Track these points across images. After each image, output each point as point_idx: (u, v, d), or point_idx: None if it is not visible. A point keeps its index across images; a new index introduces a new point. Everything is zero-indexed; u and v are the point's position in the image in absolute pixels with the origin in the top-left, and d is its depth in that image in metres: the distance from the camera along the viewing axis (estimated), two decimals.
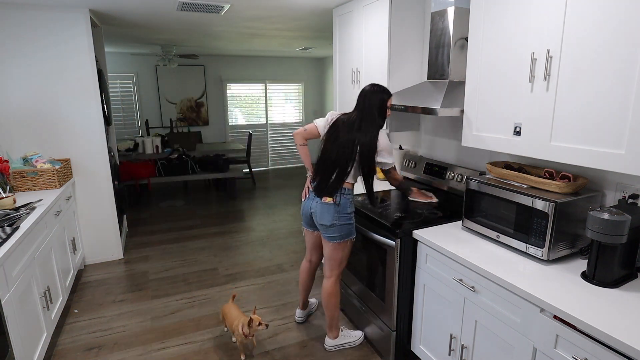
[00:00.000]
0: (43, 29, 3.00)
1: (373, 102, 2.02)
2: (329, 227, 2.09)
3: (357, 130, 2.01)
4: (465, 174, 2.26)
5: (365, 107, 2.03)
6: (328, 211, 2.07)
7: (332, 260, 2.18)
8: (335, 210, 2.06)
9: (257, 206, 5.32)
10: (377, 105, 2.02)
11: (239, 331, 2.16)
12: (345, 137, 2.02)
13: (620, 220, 1.30)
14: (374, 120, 2.02)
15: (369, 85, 2.07)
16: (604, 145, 1.35)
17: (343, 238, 2.12)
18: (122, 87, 6.59)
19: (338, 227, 2.08)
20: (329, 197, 2.06)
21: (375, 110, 2.01)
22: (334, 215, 2.06)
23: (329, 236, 2.12)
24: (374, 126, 2.02)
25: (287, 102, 7.91)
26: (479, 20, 1.79)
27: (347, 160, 2.01)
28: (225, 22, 3.83)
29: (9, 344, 1.72)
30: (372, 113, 2.02)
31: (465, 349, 1.72)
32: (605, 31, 1.30)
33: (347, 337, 2.35)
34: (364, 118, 2.02)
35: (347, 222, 2.10)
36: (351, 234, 2.14)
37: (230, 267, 3.45)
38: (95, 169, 3.37)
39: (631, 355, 1.07)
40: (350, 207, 2.10)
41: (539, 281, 1.43)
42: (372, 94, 2.03)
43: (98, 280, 3.23)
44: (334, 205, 2.06)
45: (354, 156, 2.01)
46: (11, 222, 2.11)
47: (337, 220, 2.07)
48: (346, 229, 2.10)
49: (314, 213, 2.14)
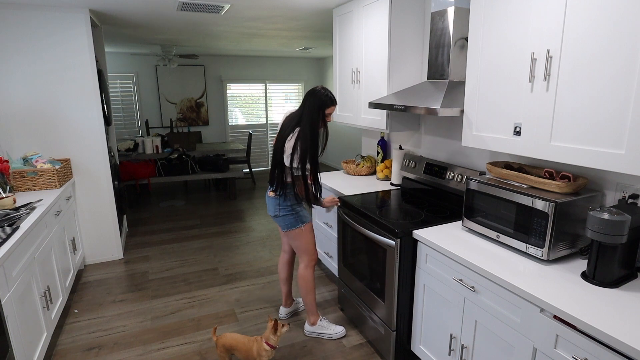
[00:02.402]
0: (43, 29, 3.00)
1: (308, 104, 2.11)
2: (274, 218, 2.31)
3: (289, 130, 2.13)
4: (465, 174, 2.26)
5: (302, 108, 2.14)
6: (271, 203, 2.28)
7: (295, 248, 2.39)
8: (277, 202, 2.25)
9: (257, 206, 5.32)
10: (314, 108, 2.09)
11: (264, 349, 2.01)
12: (281, 136, 2.17)
13: (620, 220, 1.30)
14: (302, 123, 2.10)
15: (319, 86, 2.15)
16: (604, 145, 1.35)
17: (289, 227, 2.28)
18: (122, 87, 6.59)
19: (281, 218, 2.27)
20: (272, 192, 2.26)
21: (306, 114, 2.09)
22: (275, 207, 2.26)
23: (279, 225, 2.33)
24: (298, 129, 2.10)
25: (287, 102, 7.91)
26: (479, 20, 1.79)
27: (279, 159, 2.17)
28: (225, 22, 3.83)
29: (9, 344, 1.72)
30: (303, 116, 2.11)
31: (465, 349, 1.72)
32: (605, 31, 1.30)
33: (325, 328, 2.43)
34: (295, 118, 2.15)
35: (288, 212, 2.26)
36: (296, 223, 2.28)
37: (230, 267, 3.45)
38: (95, 169, 3.37)
39: (631, 355, 1.07)
40: (290, 200, 2.25)
41: (539, 281, 1.43)
42: (311, 95, 2.11)
43: (98, 280, 3.23)
44: (275, 198, 2.25)
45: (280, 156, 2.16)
46: (11, 222, 2.11)
47: (278, 212, 2.26)
48: (289, 219, 2.27)
49: (267, 204, 2.36)
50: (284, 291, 2.61)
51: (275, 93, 7.76)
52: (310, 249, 2.37)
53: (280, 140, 2.17)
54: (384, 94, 2.60)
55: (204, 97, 7.18)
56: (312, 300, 2.41)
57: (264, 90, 7.65)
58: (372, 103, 2.41)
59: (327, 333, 2.42)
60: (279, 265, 2.61)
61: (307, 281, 2.38)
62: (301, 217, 2.29)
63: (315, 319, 2.44)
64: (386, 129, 2.63)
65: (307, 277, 2.38)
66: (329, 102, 2.11)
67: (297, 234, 2.31)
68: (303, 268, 2.39)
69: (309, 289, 2.39)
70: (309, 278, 2.38)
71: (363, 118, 2.87)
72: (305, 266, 2.39)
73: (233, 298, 2.92)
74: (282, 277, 2.60)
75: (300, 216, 2.29)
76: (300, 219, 2.29)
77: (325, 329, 2.43)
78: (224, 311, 2.75)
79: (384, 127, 2.64)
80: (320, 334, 2.43)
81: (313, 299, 2.41)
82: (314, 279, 2.41)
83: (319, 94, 2.10)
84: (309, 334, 2.45)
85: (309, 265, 2.39)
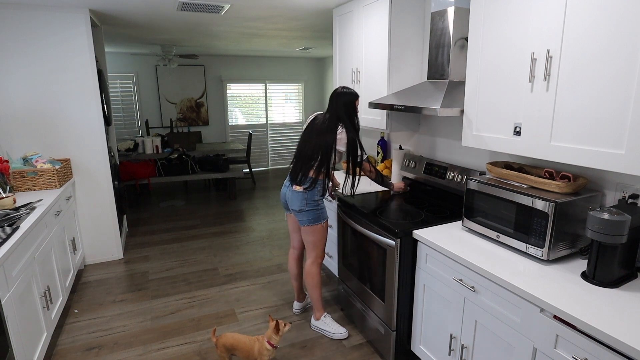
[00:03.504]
0: (43, 29, 3.00)
1: (340, 103, 2.26)
2: (297, 212, 2.32)
3: (326, 129, 2.24)
4: (465, 174, 2.26)
5: (334, 108, 2.28)
6: (297, 198, 2.30)
7: (307, 243, 2.41)
8: (303, 197, 2.28)
9: (257, 206, 5.32)
10: (343, 106, 2.26)
11: (266, 349, 2.01)
12: (315, 134, 2.27)
13: (620, 220, 1.30)
14: (342, 119, 2.25)
15: (339, 87, 2.31)
16: (604, 145, 1.35)
17: (312, 222, 2.32)
18: (122, 87, 6.59)
19: (306, 212, 2.30)
20: (298, 186, 2.28)
21: (341, 110, 2.25)
22: (301, 202, 2.29)
23: (299, 220, 2.34)
24: (341, 124, 2.25)
25: (287, 102, 7.91)
26: (479, 20, 1.79)
27: (313, 155, 2.25)
28: (225, 22, 3.83)
29: (9, 344, 1.72)
30: (339, 113, 2.25)
31: (465, 349, 1.72)
32: (605, 31, 1.30)
33: (327, 325, 2.46)
34: (332, 118, 2.27)
35: (314, 207, 2.31)
36: (319, 219, 2.34)
37: (230, 267, 3.45)
38: (95, 169, 3.37)
39: (631, 355, 1.07)
40: (317, 195, 2.30)
41: (539, 281, 1.43)
42: (340, 95, 2.27)
43: (98, 280, 3.23)
44: (302, 192, 2.28)
45: (320, 152, 2.23)
46: (11, 222, 2.11)
47: (304, 206, 2.29)
48: (313, 214, 2.31)
49: (288, 200, 2.37)
50: (296, 286, 2.66)
51: (275, 93, 7.76)
52: (321, 245, 2.42)
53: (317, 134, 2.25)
54: (384, 94, 2.60)
55: (204, 97, 7.18)
56: (318, 295, 2.47)
57: (264, 90, 7.65)
58: (372, 103, 2.41)
59: (328, 331, 2.45)
60: (289, 262, 2.65)
61: (313, 276, 2.44)
62: (324, 214, 2.37)
63: (320, 314, 2.48)
64: (386, 129, 2.63)
65: (313, 273, 2.44)
66: (356, 95, 2.29)
67: (316, 230, 2.35)
68: (310, 264, 2.44)
69: (315, 284, 2.45)
70: (315, 273, 2.44)
71: (363, 118, 2.87)
72: (312, 262, 2.44)
73: (233, 298, 2.92)
74: (293, 273, 2.65)
75: (324, 212, 2.37)
76: (322, 215, 2.36)
77: (327, 325, 2.46)
78: (224, 311, 2.75)
79: (384, 127, 2.64)
80: (322, 330, 2.48)
81: (319, 294, 2.47)
82: (320, 274, 2.46)
83: (347, 91, 2.28)
84: (314, 329, 2.52)
85: (316, 262, 2.44)
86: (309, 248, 2.42)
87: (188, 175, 5.40)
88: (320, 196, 2.33)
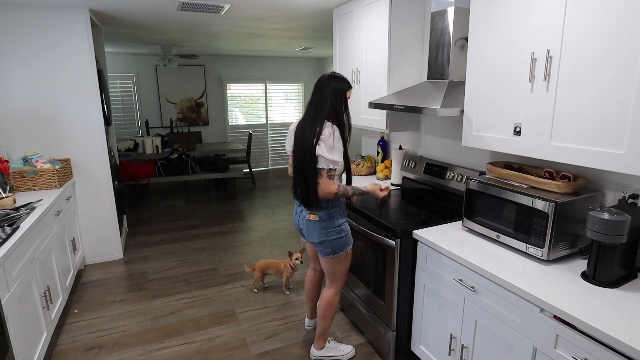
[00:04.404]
0: (43, 29, 3.00)
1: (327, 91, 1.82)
2: (318, 244, 1.96)
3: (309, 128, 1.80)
4: (465, 174, 2.26)
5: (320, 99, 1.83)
6: (314, 228, 1.92)
7: (330, 272, 2.07)
8: (322, 226, 1.91)
9: (257, 206, 5.32)
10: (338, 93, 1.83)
11: (288, 267, 2.92)
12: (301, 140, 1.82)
13: (620, 220, 1.30)
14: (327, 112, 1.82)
15: (328, 74, 1.87)
16: (604, 145, 1.35)
17: (336, 253, 1.96)
18: (122, 87, 6.59)
19: (328, 243, 1.93)
20: (312, 214, 1.91)
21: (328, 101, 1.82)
22: (320, 232, 1.91)
23: (321, 251, 1.99)
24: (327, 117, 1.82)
25: (287, 102, 7.91)
26: (479, 20, 1.79)
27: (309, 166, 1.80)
28: (225, 22, 3.83)
29: (9, 344, 1.72)
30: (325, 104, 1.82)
31: (465, 349, 1.72)
32: (605, 31, 1.30)
33: (334, 349, 2.21)
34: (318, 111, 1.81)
35: (338, 235, 1.93)
36: (345, 246, 1.97)
37: (230, 267, 3.45)
38: (95, 169, 3.37)
39: (631, 355, 1.07)
40: (338, 219, 1.93)
41: (539, 281, 1.43)
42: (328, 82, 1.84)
43: (98, 280, 3.23)
44: (319, 221, 1.91)
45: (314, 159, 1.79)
46: (11, 222, 2.11)
47: (325, 237, 1.92)
48: (337, 243, 1.94)
49: (302, 230, 2.01)
50: (311, 306, 2.41)
51: (275, 93, 7.76)
52: (345, 273, 2.09)
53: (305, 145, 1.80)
54: (384, 94, 2.60)
55: (204, 97, 7.18)
56: (329, 325, 2.16)
57: (264, 90, 7.65)
58: (372, 103, 2.41)
59: (336, 355, 2.20)
60: (307, 283, 2.34)
61: (332, 307, 2.11)
62: (349, 239, 1.98)
63: (324, 343, 2.20)
64: (386, 129, 2.63)
65: (334, 304, 2.10)
66: (348, 85, 1.89)
67: (341, 259, 1.99)
68: (333, 294, 2.09)
69: (330, 315, 2.13)
70: (335, 304, 2.11)
71: (363, 118, 2.87)
72: (336, 293, 2.10)
73: (233, 298, 2.92)
74: (310, 294, 2.36)
75: (349, 237, 1.98)
76: (347, 242, 1.98)
77: (334, 350, 2.21)
78: (224, 311, 2.75)
79: (384, 127, 2.64)
80: (329, 357, 2.20)
81: (330, 324, 2.17)
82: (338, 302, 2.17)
83: (338, 79, 1.86)
84: (316, 359, 2.19)
85: (339, 292, 2.11)
86: (331, 277, 2.08)
87: (188, 175, 5.40)
88: (342, 218, 1.94)
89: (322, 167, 1.79)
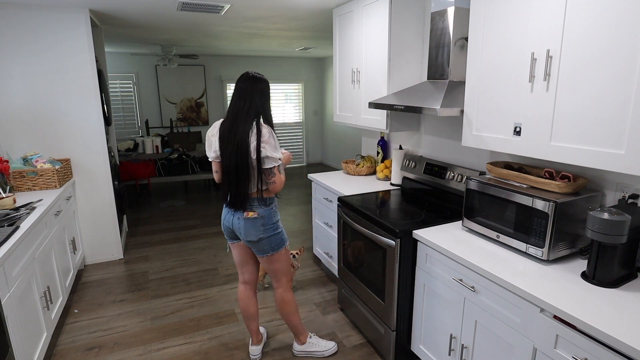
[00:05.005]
0: (43, 29, 3.00)
1: (255, 94, 1.86)
2: (257, 243, 1.95)
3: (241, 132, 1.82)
4: (465, 174, 2.26)
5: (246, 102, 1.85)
6: (253, 226, 1.92)
7: (274, 272, 2.08)
8: (261, 223, 1.92)
9: None
10: (259, 97, 1.87)
11: None
12: (235, 144, 1.82)
13: (620, 220, 1.30)
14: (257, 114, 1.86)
15: (247, 76, 1.88)
16: (604, 145, 1.35)
17: (275, 250, 1.99)
18: (122, 87, 6.59)
19: (267, 240, 1.95)
20: (250, 212, 1.90)
21: (255, 103, 1.86)
22: (259, 229, 1.92)
23: (258, 250, 1.98)
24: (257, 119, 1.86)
25: (287, 102, 7.91)
26: (479, 20, 1.79)
27: (248, 167, 1.84)
28: (225, 22, 3.83)
29: (9, 344, 1.72)
30: (254, 107, 1.85)
31: (465, 349, 1.72)
32: (605, 31, 1.30)
33: (315, 345, 2.26)
34: (246, 114, 1.84)
35: (275, 232, 1.97)
36: (283, 242, 2.03)
37: (230, 267, 3.45)
38: (95, 169, 3.37)
39: (631, 355, 1.07)
40: (275, 215, 1.97)
41: (539, 281, 1.43)
42: (253, 85, 1.86)
43: (98, 280, 3.23)
44: (258, 218, 1.91)
45: (249, 159, 1.83)
46: (11, 222, 2.11)
47: (263, 234, 1.93)
48: (276, 239, 1.98)
49: (237, 230, 1.97)
50: (253, 328, 2.23)
51: (275, 93, 7.76)
52: (289, 268, 2.13)
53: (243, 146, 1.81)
54: (384, 94, 2.60)
55: (204, 97, 7.18)
56: (298, 319, 2.20)
57: None
58: (372, 103, 2.41)
59: (318, 350, 2.25)
60: (241, 301, 2.19)
61: (290, 303, 2.15)
62: (284, 234, 2.05)
63: (305, 337, 2.25)
64: (386, 129, 2.63)
65: (290, 300, 2.14)
66: (269, 85, 1.96)
67: (280, 256, 2.03)
68: (283, 291, 2.12)
69: (293, 311, 2.16)
70: (291, 299, 2.15)
71: (363, 118, 2.87)
72: (285, 289, 2.13)
73: (233, 298, 2.92)
74: (250, 313, 2.19)
75: (284, 233, 2.04)
76: (284, 236, 2.04)
77: (315, 345, 2.26)
78: (224, 311, 2.75)
79: (384, 127, 2.64)
80: (311, 353, 2.25)
81: (299, 318, 2.21)
82: (294, 298, 2.19)
83: (260, 80, 1.90)
84: (299, 354, 2.26)
85: (289, 287, 2.14)
86: (277, 276, 2.09)
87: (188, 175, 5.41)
88: (277, 215, 2.00)
89: (273, 165, 1.86)
